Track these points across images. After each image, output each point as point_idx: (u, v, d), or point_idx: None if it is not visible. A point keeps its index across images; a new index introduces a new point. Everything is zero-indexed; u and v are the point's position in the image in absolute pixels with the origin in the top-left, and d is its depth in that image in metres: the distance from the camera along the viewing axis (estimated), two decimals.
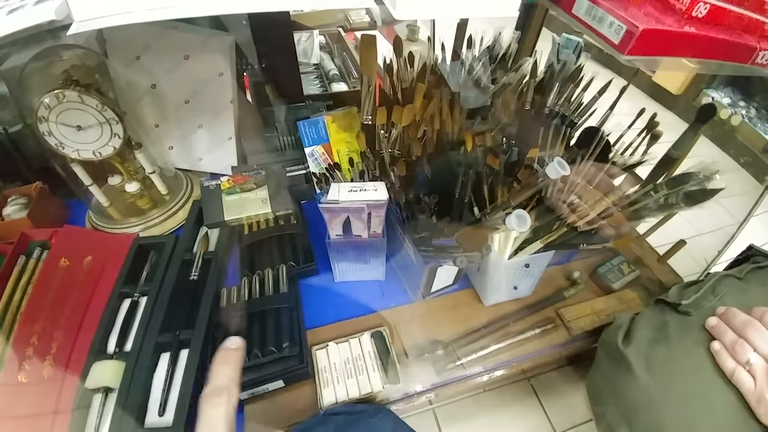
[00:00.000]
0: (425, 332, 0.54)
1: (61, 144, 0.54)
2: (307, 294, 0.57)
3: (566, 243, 0.46)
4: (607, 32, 0.30)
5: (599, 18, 0.31)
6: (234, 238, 0.62)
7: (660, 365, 0.43)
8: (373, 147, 0.53)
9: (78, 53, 0.55)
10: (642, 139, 0.56)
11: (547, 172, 0.37)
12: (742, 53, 0.36)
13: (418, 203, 0.48)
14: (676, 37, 0.31)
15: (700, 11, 0.33)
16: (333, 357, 0.49)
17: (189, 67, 0.63)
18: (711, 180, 0.45)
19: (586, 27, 0.32)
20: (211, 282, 0.54)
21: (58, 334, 0.47)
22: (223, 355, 0.27)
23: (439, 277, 0.54)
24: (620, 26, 0.29)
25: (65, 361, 0.46)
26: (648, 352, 0.44)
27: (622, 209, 0.47)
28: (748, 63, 0.37)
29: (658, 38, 0.29)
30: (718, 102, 1.61)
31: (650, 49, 0.30)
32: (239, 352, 0.28)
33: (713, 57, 0.36)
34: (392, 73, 0.62)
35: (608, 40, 0.30)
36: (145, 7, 0.29)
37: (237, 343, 0.28)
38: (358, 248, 0.53)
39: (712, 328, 0.43)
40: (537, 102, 0.63)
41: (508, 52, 0.69)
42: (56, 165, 0.60)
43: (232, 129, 0.68)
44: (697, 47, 0.33)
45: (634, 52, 0.29)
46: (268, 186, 0.62)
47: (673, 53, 0.32)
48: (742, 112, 1.58)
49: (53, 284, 0.52)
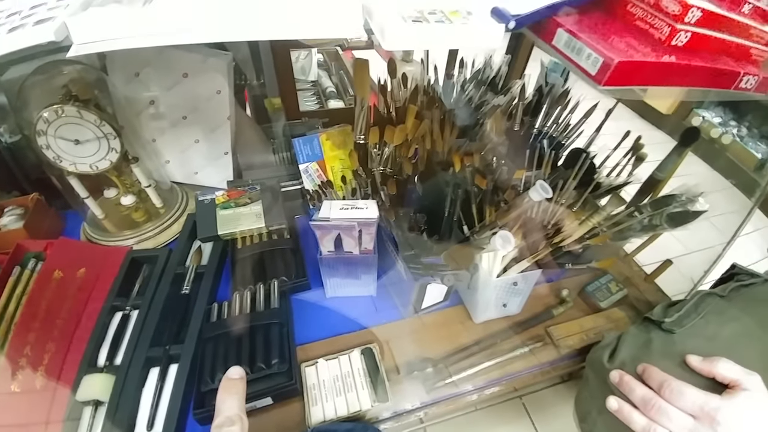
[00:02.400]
0: (415, 349, 0.54)
1: (59, 157, 0.55)
2: (299, 309, 0.57)
3: (552, 262, 0.47)
4: (584, 64, 0.32)
5: (577, 50, 0.32)
6: (227, 252, 0.62)
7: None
8: (366, 165, 0.54)
9: (78, 68, 0.56)
10: (627, 160, 0.57)
11: (530, 195, 0.38)
12: (724, 79, 0.37)
13: (408, 221, 0.49)
14: (652, 67, 0.32)
15: (681, 40, 0.34)
16: (322, 374, 0.49)
17: (187, 85, 0.65)
18: (694, 202, 0.47)
19: (565, 58, 0.34)
20: (203, 296, 0.54)
21: (50, 345, 0.48)
22: (228, 386, 0.28)
23: (429, 293, 0.54)
24: (597, 58, 0.31)
25: (57, 372, 0.46)
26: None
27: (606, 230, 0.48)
28: (731, 88, 0.38)
29: (634, 69, 0.31)
30: (708, 121, 1.64)
31: (626, 79, 0.31)
32: (243, 382, 0.29)
33: (693, 85, 0.37)
34: (386, 93, 0.64)
35: (586, 71, 0.32)
36: (143, 33, 0.31)
37: (239, 373, 0.29)
38: (349, 264, 0.54)
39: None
40: (526, 123, 0.65)
41: (498, 74, 0.72)
42: (53, 177, 0.61)
43: (229, 144, 0.70)
44: (676, 76, 0.34)
45: (611, 83, 0.31)
46: (262, 201, 0.63)
47: (651, 83, 0.33)
48: (733, 131, 1.61)
49: (47, 295, 0.52)
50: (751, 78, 0.38)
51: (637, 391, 0.42)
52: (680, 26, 0.33)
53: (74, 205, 0.65)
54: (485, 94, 0.73)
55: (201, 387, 0.45)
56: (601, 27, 0.35)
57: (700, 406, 0.38)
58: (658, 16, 0.34)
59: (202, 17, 0.31)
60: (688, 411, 0.39)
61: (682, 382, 0.40)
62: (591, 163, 0.52)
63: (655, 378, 0.42)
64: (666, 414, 0.39)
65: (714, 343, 0.45)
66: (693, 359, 0.42)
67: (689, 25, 0.33)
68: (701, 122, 1.65)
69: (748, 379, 0.38)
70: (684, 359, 0.43)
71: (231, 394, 0.27)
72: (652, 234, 0.52)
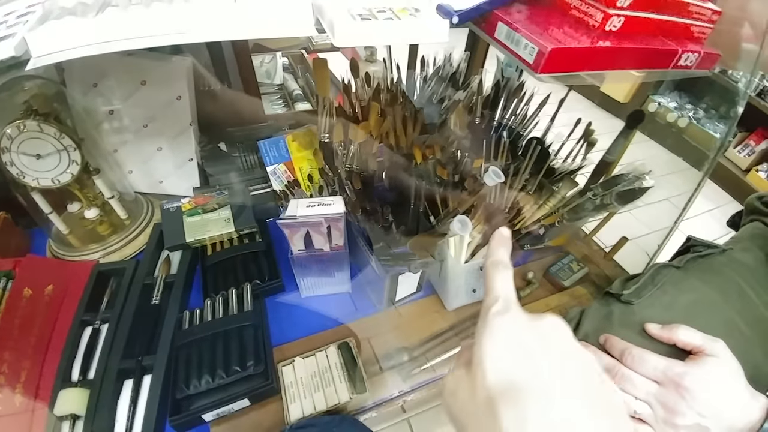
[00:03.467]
0: (392, 340, 0.55)
1: (22, 173, 0.54)
2: (274, 311, 0.58)
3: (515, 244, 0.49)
4: (522, 53, 0.34)
5: (516, 41, 0.34)
6: (197, 260, 0.62)
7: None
8: (332, 163, 0.55)
9: (38, 83, 0.56)
10: (581, 146, 0.60)
11: (485, 180, 0.40)
12: (660, 59, 0.38)
13: (375, 215, 0.50)
14: (585, 53, 0.34)
15: (614, 24, 0.35)
16: (299, 372, 0.49)
17: (146, 92, 0.64)
18: (641, 180, 0.50)
19: (506, 49, 0.36)
20: (173, 305, 0.54)
21: (26, 363, 0.48)
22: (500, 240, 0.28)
23: (401, 285, 0.56)
24: (533, 47, 0.33)
25: (34, 389, 0.46)
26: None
27: (561, 211, 0.51)
28: (670, 67, 0.39)
29: (567, 55, 0.33)
30: (664, 106, 1.73)
31: (561, 66, 0.33)
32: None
33: (629, 67, 0.39)
34: (350, 92, 0.65)
35: (524, 61, 0.34)
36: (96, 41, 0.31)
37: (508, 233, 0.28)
38: (321, 262, 0.54)
39: None
40: (486, 116, 0.67)
41: (458, 71, 0.75)
42: (18, 194, 0.60)
43: (193, 151, 0.69)
44: (610, 60, 0.36)
45: (546, 70, 0.33)
46: (231, 205, 0.63)
47: (586, 68, 0.36)
48: (689, 114, 1.71)
49: (19, 314, 0.52)
50: (691, 55, 0.39)
51: (601, 360, 0.42)
52: (612, 11, 0.34)
53: (39, 222, 0.64)
54: (446, 90, 0.75)
55: (176, 394, 0.44)
56: (539, 19, 0.37)
57: (663, 372, 0.38)
58: (591, 4, 0.35)
59: (153, 23, 0.31)
60: (651, 377, 0.39)
61: (642, 349, 0.40)
62: (545, 150, 0.54)
63: (617, 347, 0.42)
64: (629, 380, 0.39)
65: (672, 312, 0.45)
66: (652, 327, 0.42)
67: (622, 9, 0.35)
68: (657, 108, 1.74)
69: (712, 345, 0.38)
70: (644, 328, 0.43)
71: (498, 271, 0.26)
72: (605, 213, 0.55)
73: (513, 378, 0.20)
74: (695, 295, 0.47)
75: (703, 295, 0.47)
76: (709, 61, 0.42)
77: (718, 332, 0.39)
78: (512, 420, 0.19)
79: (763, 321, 0.45)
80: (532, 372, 0.20)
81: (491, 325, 0.23)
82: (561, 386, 0.20)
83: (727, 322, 0.44)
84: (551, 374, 0.20)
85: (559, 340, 0.22)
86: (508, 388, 0.20)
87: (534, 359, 0.21)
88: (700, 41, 0.42)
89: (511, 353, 0.21)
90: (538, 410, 0.19)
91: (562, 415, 0.19)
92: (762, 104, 1.42)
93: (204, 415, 0.44)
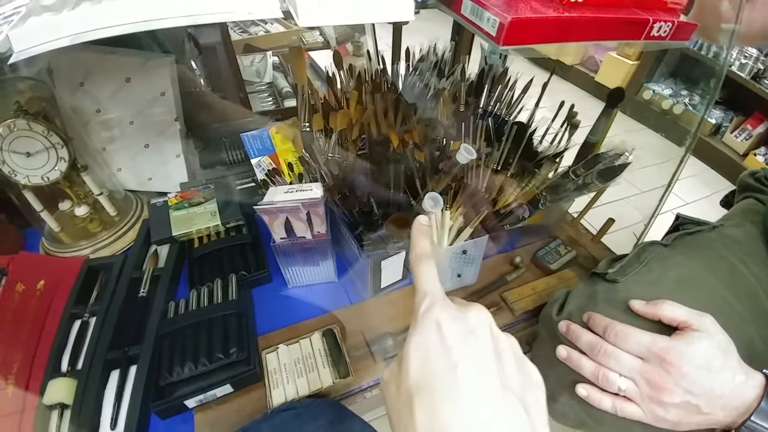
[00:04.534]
0: (377, 326, 0.55)
1: (14, 171, 0.56)
2: (261, 301, 0.58)
3: (497, 225, 0.49)
4: (486, 26, 0.34)
5: (479, 14, 0.34)
6: (185, 253, 0.62)
7: None
8: (312, 151, 0.55)
9: (28, 84, 0.57)
10: (565, 129, 0.60)
11: (456, 158, 0.40)
12: (631, 29, 0.37)
13: (356, 200, 0.51)
14: (548, 23, 0.33)
15: None
16: (283, 358, 0.49)
17: (130, 89, 0.65)
18: (620, 157, 0.50)
19: (472, 25, 0.36)
20: (159, 297, 0.54)
21: (17, 355, 0.49)
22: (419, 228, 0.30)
23: (386, 271, 0.56)
24: (494, 19, 0.33)
25: (25, 380, 0.47)
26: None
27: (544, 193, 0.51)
28: (641, 39, 0.38)
29: (529, 26, 0.33)
30: (659, 94, 1.72)
31: (525, 38, 0.33)
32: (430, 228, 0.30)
33: (598, 38, 0.37)
34: (333, 84, 0.65)
35: (488, 34, 0.34)
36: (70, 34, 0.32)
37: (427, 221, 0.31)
38: (305, 251, 0.55)
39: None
40: (471, 104, 0.67)
41: (443, 60, 0.75)
42: (12, 195, 0.62)
43: (180, 147, 0.70)
44: (575, 31, 0.35)
45: (509, 42, 0.33)
46: (217, 199, 0.63)
47: (551, 39, 0.35)
48: (684, 101, 1.69)
49: (12, 308, 0.53)
50: (663, 25, 0.38)
51: (583, 337, 0.42)
52: None
53: (33, 221, 0.66)
54: (431, 79, 0.75)
55: (159, 381, 0.45)
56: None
57: (647, 347, 0.37)
58: None
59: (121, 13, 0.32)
60: (634, 353, 0.38)
61: (626, 325, 0.40)
62: (522, 131, 0.54)
63: (600, 324, 0.41)
64: (613, 357, 0.39)
65: (659, 288, 0.44)
66: (636, 303, 0.41)
67: None
68: (652, 95, 1.73)
69: (699, 320, 0.37)
70: (629, 305, 0.42)
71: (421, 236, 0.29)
72: (587, 192, 0.54)
73: (430, 377, 0.21)
74: (682, 271, 0.45)
75: (690, 270, 0.45)
76: (685, 32, 0.41)
77: (707, 308, 0.38)
78: (424, 418, 0.20)
79: (755, 296, 0.43)
80: (447, 370, 0.21)
81: (418, 323, 0.23)
82: (475, 384, 0.20)
83: (717, 297, 0.42)
84: (466, 372, 0.20)
85: (482, 331, 0.23)
86: (425, 386, 0.20)
87: (450, 357, 0.21)
88: (674, 12, 0.41)
89: (430, 352, 0.22)
90: (450, 409, 0.19)
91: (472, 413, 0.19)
92: (758, 87, 1.41)
93: (187, 401, 0.44)
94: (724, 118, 1.61)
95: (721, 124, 1.61)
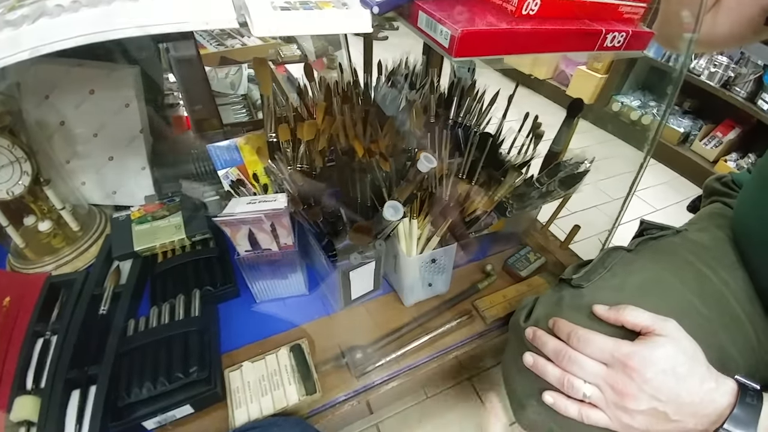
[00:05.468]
0: (347, 339, 0.54)
1: None
2: (228, 317, 0.56)
3: (462, 234, 0.49)
4: (439, 38, 0.35)
5: (433, 27, 0.35)
6: (147, 269, 0.60)
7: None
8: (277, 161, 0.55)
9: None
10: (530, 140, 0.61)
11: (418, 167, 0.40)
12: (584, 40, 0.38)
13: (323, 211, 0.50)
14: (499, 35, 0.34)
15: (531, 9, 0.35)
16: (247, 376, 0.47)
17: (95, 101, 0.63)
18: (580, 164, 0.51)
19: (427, 37, 0.37)
20: (120, 315, 0.52)
21: None
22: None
23: (355, 282, 0.55)
24: (446, 32, 0.33)
25: None
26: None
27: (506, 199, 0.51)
28: (596, 49, 0.39)
29: (480, 39, 0.33)
30: (627, 106, 1.79)
31: (476, 49, 0.34)
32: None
33: (551, 50, 0.38)
34: (304, 95, 0.66)
35: (441, 46, 0.34)
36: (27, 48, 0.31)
37: None
38: (272, 264, 0.53)
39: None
40: (441, 116, 0.68)
41: (415, 73, 0.76)
42: None
43: (145, 159, 0.68)
44: (527, 43, 0.36)
45: (461, 54, 0.33)
46: (182, 211, 0.62)
47: (504, 51, 0.36)
48: (653, 112, 1.76)
49: None
50: (617, 35, 0.39)
51: (549, 344, 0.41)
52: None
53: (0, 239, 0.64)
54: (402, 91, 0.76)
55: (118, 402, 0.43)
56: (460, 8, 0.38)
57: (610, 353, 0.37)
58: None
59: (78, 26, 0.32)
60: (598, 358, 0.38)
61: (588, 330, 0.39)
62: (485, 139, 0.55)
63: (563, 329, 0.41)
64: (577, 363, 0.38)
65: (622, 293, 0.43)
66: (599, 308, 0.41)
67: None
68: (621, 107, 1.80)
69: (662, 325, 0.36)
70: (592, 311, 0.41)
71: None
72: (551, 200, 0.55)
73: None
74: (646, 276, 0.45)
75: (654, 275, 0.45)
76: (641, 41, 0.42)
77: (672, 313, 0.38)
78: None
79: (724, 302, 0.43)
80: None
81: None
82: None
83: (683, 302, 0.42)
84: None
85: None
86: None
87: None
88: (631, 22, 0.41)
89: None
90: None
91: None
92: (728, 95, 1.46)
93: (145, 422, 0.42)
94: (693, 127, 1.68)
95: (690, 133, 1.67)
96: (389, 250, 0.56)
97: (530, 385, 0.44)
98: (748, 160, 1.53)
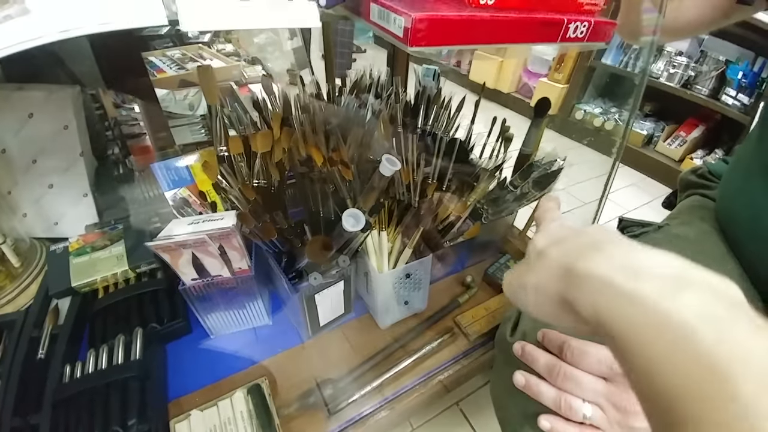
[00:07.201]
0: (316, 373, 0.48)
1: None
2: (177, 358, 0.49)
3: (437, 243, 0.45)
4: (393, 29, 0.31)
5: (386, 17, 0.32)
6: (87, 306, 0.53)
7: None
8: (234, 177, 0.50)
9: None
10: (500, 144, 0.59)
11: (380, 170, 0.37)
12: (546, 31, 0.36)
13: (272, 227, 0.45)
14: (457, 23, 0.31)
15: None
16: (196, 427, 0.40)
17: (33, 125, 0.58)
18: (552, 164, 0.48)
19: (380, 29, 0.33)
20: (56, 360, 0.46)
21: None
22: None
23: (322, 306, 0.49)
24: (400, 20, 0.30)
25: None
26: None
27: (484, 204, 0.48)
28: (558, 40, 0.37)
29: (437, 26, 0.30)
30: (590, 113, 1.84)
31: (433, 39, 0.31)
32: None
33: (511, 41, 0.36)
34: (262, 109, 0.62)
35: (396, 36, 0.31)
36: None
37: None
38: (225, 293, 0.47)
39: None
40: (409, 124, 0.66)
41: (379, 84, 0.74)
42: None
43: (87, 185, 0.62)
44: (486, 33, 0.33)
45: (417, 43, 0.30)
46: (125, 240, 0.55)
47: (462, 41, 0.33)
48: (615, 117, 1.82)
49: None
50: (580, 25, 0.37)
51: (540, 360, 0.37)
52: None
53: None
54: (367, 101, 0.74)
55: None
56: None
57: (608, 365, 0.33)
58: None
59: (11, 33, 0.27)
60: (596, 372, 0.34)
61: (583, 340, 0.35)
62: (463, 148, 0.53)
63: (555, 341, 0.37)
64: (573, 379, 0.34)
65: None
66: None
67: None
68: (584, 115, 1.85)
69: None
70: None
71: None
72: (527, 202, 0.52)
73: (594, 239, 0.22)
74: None
75: None
76: (604, 32, 0.40)
77: None
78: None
79: None
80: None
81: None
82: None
83: None
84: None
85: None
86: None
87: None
88: (591, 14, 0.40)
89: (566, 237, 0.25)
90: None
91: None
92: (689, 94, 1.51)
93: None
94: (655, 128, 1.73)
95: (653, 134, 1.73)
96: (360, 267, 0.51)
97: (523, 409, 0.39)
98: (716, 156, 1.56)
